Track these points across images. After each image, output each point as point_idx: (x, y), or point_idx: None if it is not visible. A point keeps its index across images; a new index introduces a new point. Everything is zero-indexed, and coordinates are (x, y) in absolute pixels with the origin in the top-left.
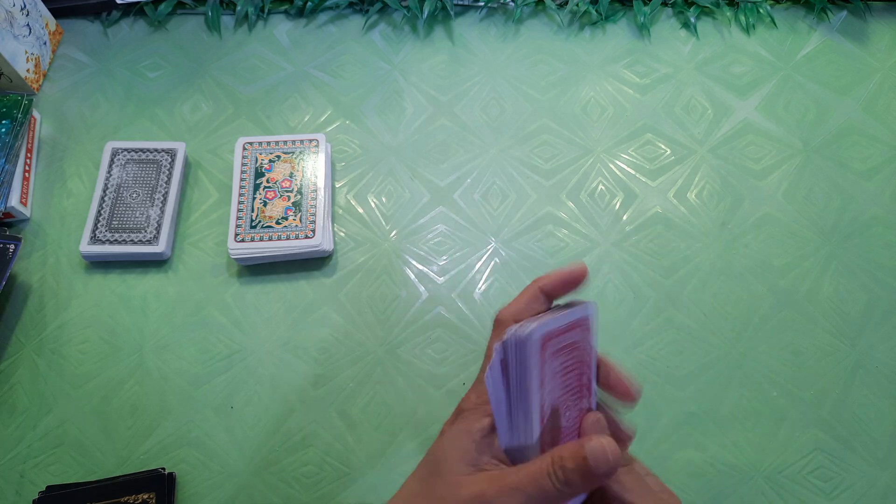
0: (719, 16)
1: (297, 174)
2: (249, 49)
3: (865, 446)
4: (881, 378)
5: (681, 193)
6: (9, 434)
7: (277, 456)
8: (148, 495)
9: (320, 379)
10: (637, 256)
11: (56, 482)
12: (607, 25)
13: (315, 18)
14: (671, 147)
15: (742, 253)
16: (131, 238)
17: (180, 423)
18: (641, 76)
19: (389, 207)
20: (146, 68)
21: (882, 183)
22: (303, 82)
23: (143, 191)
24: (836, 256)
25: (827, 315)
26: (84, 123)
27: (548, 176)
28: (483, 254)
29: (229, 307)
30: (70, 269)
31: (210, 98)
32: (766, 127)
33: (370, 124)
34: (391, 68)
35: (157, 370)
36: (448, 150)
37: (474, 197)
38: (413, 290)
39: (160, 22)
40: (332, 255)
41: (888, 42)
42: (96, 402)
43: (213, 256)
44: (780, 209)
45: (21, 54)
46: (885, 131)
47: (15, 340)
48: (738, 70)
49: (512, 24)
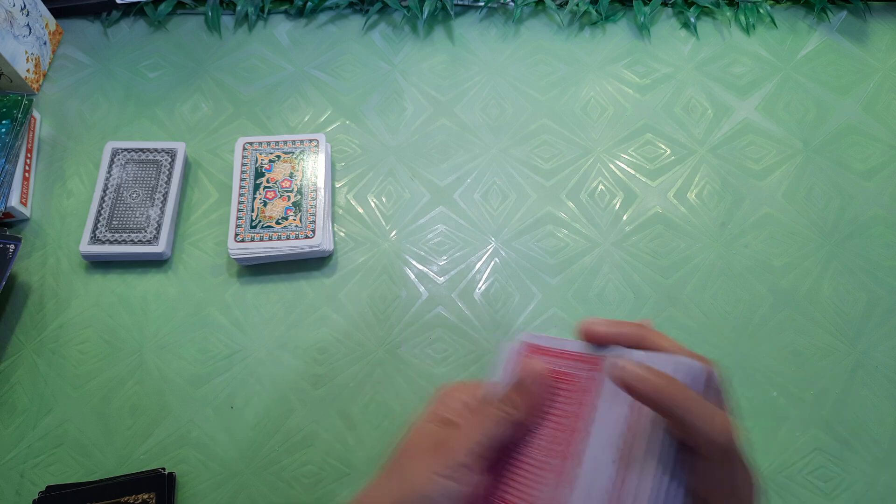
0: (719, 16)
1: (297, 174)
2: (249, 49)
3: (865, 446)
4: (881, 378)
5: (681, 193)
6: (9, 434)
7: (277, 456)
8: (148, 495)
9: (320, 379)
10: (637, 256)
11: (56, 482)
12: (607, 25)
13: (315, 18)
14: (671, 147)
15: (742, 253)
16: (131, 238)
17: (180, 423)
18: (641, 76)
19: (389, 207)
20: (146, 68)
21: (882, 183)
22: (303, 82)
23: (143, 191)
24: (836, 256)
25: (827, 315)
26: (84, 123)
27: (548, 176)
28: (483, 254)
29: (229, 307)
30: (70, 269)
31: (210, 98)
32: (766, 127)
33: (370, 124)
34: (391, 68)
35: (157, 370)
36: (448, 150)
37: (474, 197)
38: (413, 290)
39: (160, 22)
40: (332, 255)
41: (888, 42)
42: (96, 402)
43: (213, 256)
44: (780, 209)
45: (21, 54)
46: (885, 131)
47: (15, 340)
48: (738, 70)
49: (512, 24)
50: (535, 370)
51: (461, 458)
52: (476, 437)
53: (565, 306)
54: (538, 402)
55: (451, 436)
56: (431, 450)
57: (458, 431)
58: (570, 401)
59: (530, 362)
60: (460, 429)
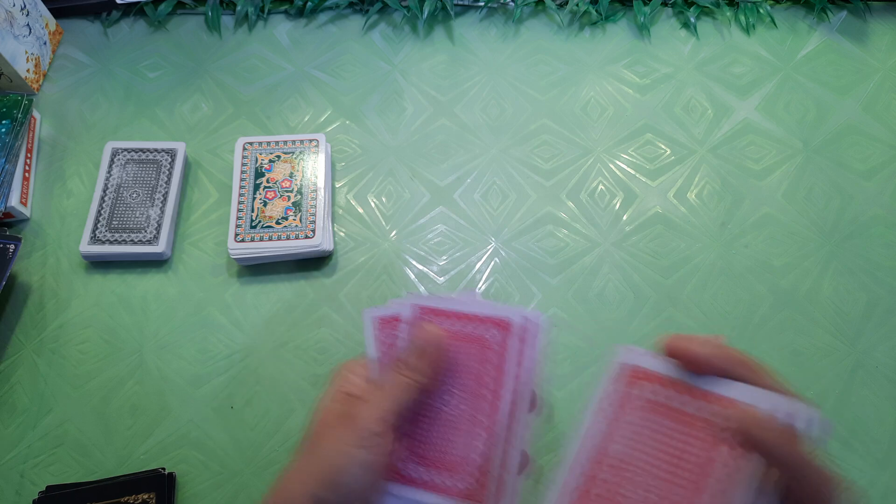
0: (719, 16)
1: (297, 174)
2: (249, 49)
3: (865, 446)
4: (881, 378)
5: (681, 193)
6: (9, 434)
7: (277, 456)
8: (148, 495)
9: (320, 379)
10: (637, 256)
11: (56, 482)
12: (607, 25)
13: (315, 18)
14: (671, 147)
15: (742, 253)
16: (131, 238)
17: (180, 423)
18: (641, 76)
19: (389, 207)
20: (146, 68)
21: (882, 183)
22: (303, 82)
23: (143, 191)
24: (836, 256)
25: (827, 315)
26: (84, 123)
27: (548, 176)
28: (483, 254)
29: (229, 307)
30: (70, 269)
31: (210, 98)
32: (766, 127)
33: (370, 124)
34: (391, 68)
35: (157, 370)
36: (448, 150)
37: (474, 197)
38: (413, 290)
39: (160, 22)
40: (332, 255)
41: (888, 42)
42: (96, 402)
43: (213, 256)
44: (780, 209)
45: (21, 54)
46: (885, 131)
47: (15, 340)
48: (738, 70)
49: (512, 24)
50: (435, 335)
51: (372, 426)
52: (384, 406)
53: (565, 306)
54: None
55: (360, 408)
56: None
57: (366, 403)
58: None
59: (428, 327)
60: (367, 401)
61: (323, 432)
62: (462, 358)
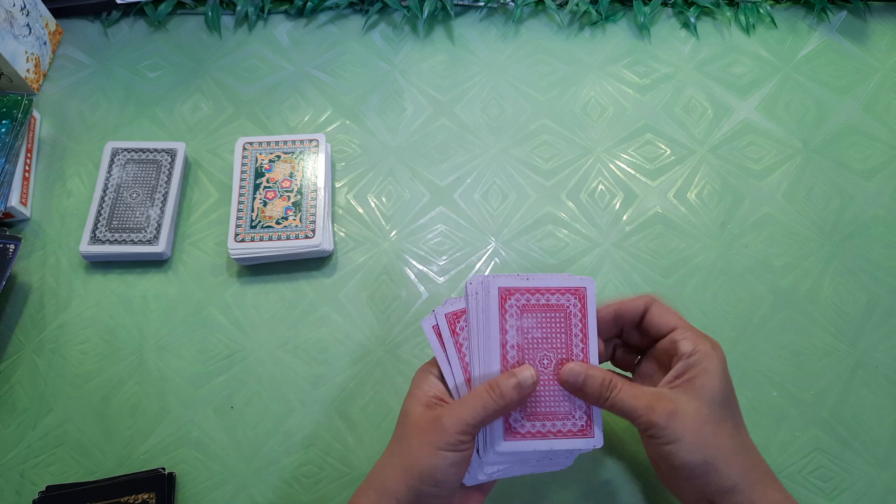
0: (719, 16)
1: (297, 174)
2: (249, 49)
3: (865, 446)
4: (881, 378)
5: (681, 193)
6: (9, 434)
7: (277, 456)
8: (148, 495)
9: (320, 379)
10: (637, 256)
11: (56, 482)
12: (607, 25)
13: (315, 18)
14: (671, 147)
15: (742, 253)
16: (131, 238)
17: (180, 423)
18: (641, 76)
19: (389, 207)
20: (146, 68)
21: (882, 183)
22: (303, 82)
23: (143, 191)
24: (836, 256)
25: (827, 315)
26: (84, 123)
27: (548, 176)
28: (483, 254)
29: (229, 307)
30: (70, 269)
31: (210, 98)
32: (766, 127)
33: (370, 124)
34: (391, 68)
35: (157, 370)
36: (448, 150)
37: (474, 197)
38: (413, 290)
39: (160, 22)
40: (332, 255)
41: (888, 42)
42: (96, 402)
43: (213, 256)
44: (780, 209)
45: (21, 54)
46: (885, 131)
47: (15, 340)
48: (738, 70)
49: (512, 24)
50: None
51: (458, 433)
52: (467, 417)
53: None
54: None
55: (447, 415)
56: (431, 429)
57: (452, 411)
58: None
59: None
60: (453, 408)
61: (414, 434)
62: (551, 325)
